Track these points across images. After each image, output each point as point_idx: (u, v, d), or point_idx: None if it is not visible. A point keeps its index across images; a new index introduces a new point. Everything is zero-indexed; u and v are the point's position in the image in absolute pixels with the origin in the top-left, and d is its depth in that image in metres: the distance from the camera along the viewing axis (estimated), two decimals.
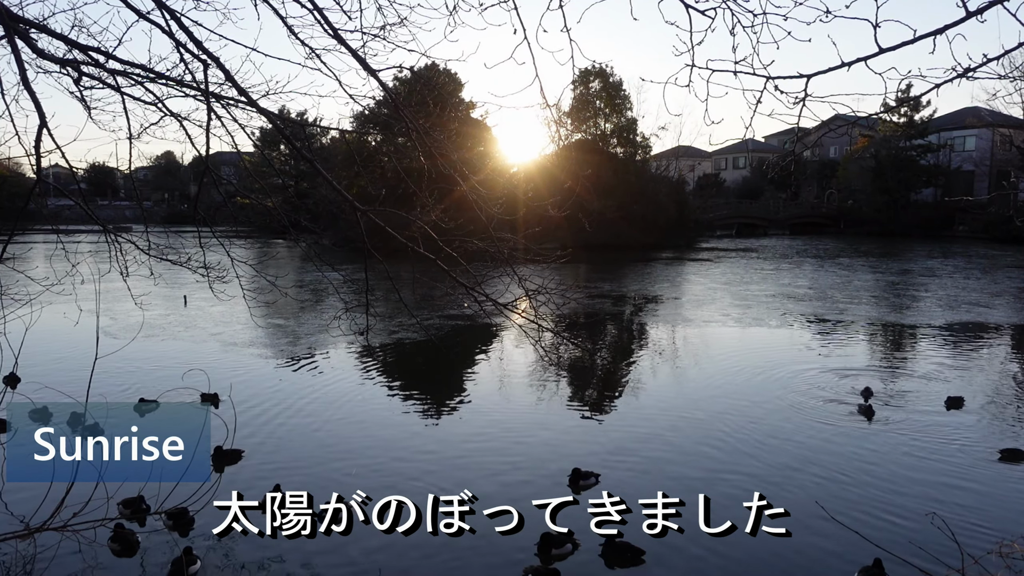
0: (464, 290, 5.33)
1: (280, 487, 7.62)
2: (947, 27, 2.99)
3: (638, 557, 7.01)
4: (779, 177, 69.38)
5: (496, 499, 8.50)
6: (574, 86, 50.93)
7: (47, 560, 6.71)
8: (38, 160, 3.84)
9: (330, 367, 15.25)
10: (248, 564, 6.99)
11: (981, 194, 58.59)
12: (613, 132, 53.48)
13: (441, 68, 37.29)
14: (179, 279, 22.21)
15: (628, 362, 16.40)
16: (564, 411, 12.28)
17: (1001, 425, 11.34)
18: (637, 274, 34.18)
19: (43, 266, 6.74)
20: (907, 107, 58.52)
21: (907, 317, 21.81)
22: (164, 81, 5.04)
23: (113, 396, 11.77)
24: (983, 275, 32.84)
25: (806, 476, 9.18)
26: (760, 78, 3.37)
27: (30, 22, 4.48)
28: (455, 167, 5.24)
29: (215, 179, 5.62)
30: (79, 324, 8.34)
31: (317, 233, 6.52)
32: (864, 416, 11.35)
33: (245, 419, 10.81)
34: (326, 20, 4.64)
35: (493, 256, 5.56)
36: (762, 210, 73.13)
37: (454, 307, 21.34)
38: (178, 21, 4.54)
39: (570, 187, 25.76)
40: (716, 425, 11.16)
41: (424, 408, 12.21)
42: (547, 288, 5.61)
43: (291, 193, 42.29)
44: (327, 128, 13.56)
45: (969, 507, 8.27)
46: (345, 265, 7.96)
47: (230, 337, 17.93)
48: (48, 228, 8.20)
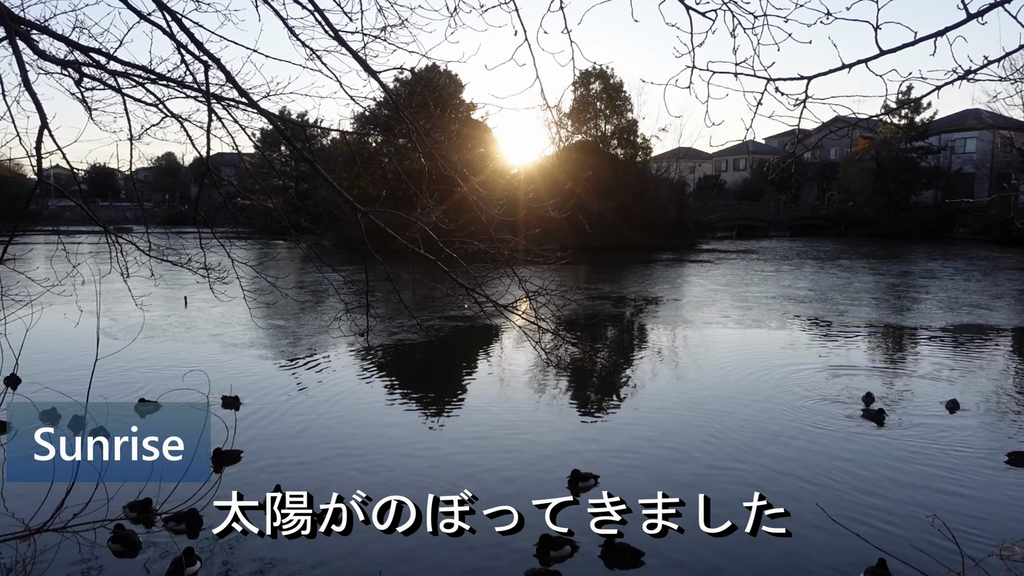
0: (464, 291, 5.33)
1: (280, 487, 7.63)
2: (948, 29, 2.99)
3: (638, 559, 7.01)
4: (779, 179, 69.25)
5: (496, 499, 8.50)
6: (575, 87, 50.96)
7: (47, 561, 6.70)
8: (39, 161, 3.84)
9: (330, 368, 15.25)
10: (249, 564, 6.99)
11: (982, 196, 58.56)
12: (614, 133, 53.53)
13: (442, 69, 37.37)
14: (180, 280, 22.27)
15: (628, 363, 16.40)
16: (565, 412, 12.28)
17: (1002, 428, 11.33)
18: (637, 275, 34.18)
19: (44, 267, 6.74)
20: (908, 109, 58.57)
21: (908, 319, 21.81)
22: (165, 82, 5.05)
23: (114, 397, 11.77)
24: (984, 277, 32.83)
25: (807, 477, 9.17)
26: (761, 80, 3.37)
27: (31, 23, 4.48)
28: (456, 168, 5.24)
29: (216, 180, 5.63)
30: (80, 325, 8.34)
31: (317, 234, 6.53)
32: (873, 421, 11.26)
33: (245, 420, 10.82)
34: (327, 21, 4.65)
35: (493, 257, 5.56)
36: (762, 212, 73.15)
37: (454, 308, 21.34)
38: (179, 22, 4.54)
39: (570, 188, 25.73)
40: (716, 426, 11.15)
41: (424, 409, 12.20)
42: (547, 289, 5.61)
43: (292, 194, 42.26)
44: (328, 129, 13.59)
45: (970, 509, 8.26)
46: (345, 266, 7.97)
47: (231, 338, 17.93)
48: (49, 229, 8.20)
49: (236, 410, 10.97)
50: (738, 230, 70.15)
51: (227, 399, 11.27)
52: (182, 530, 7.47)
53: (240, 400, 11.41)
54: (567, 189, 10.46)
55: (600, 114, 53.12)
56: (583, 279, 31.54)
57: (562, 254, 6.68)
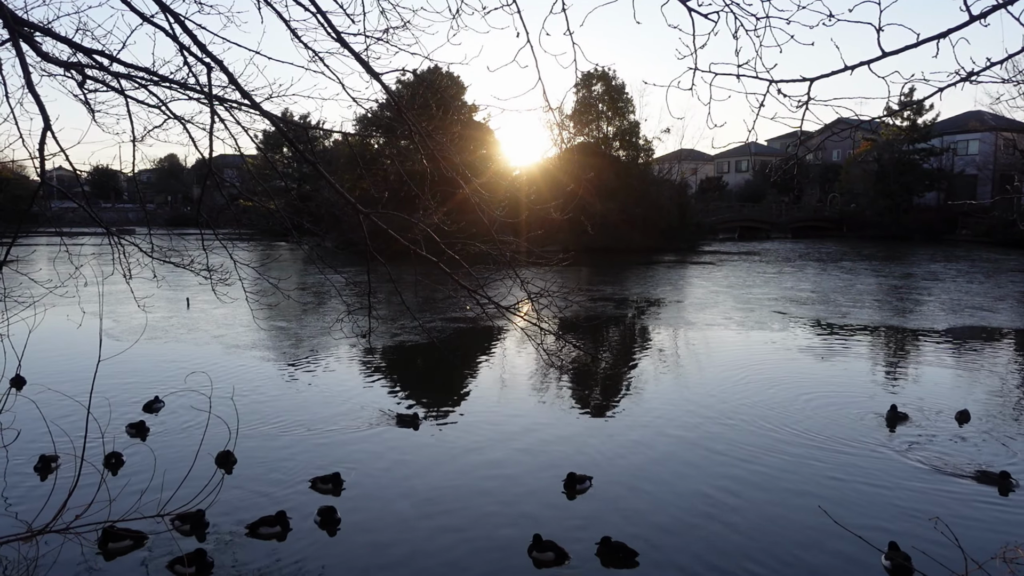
0: (466, 293, 5.33)
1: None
2: (950, 31, 2.99)
3: (632, 559, 7.01)
4: (782, 180, 69.40)
5: (496, 499, 8.51)
6: (577, 89, 51.03)
7: (49, 563, 6.71)
8: (42, 163, 3.84)
9: (332, 369, 15.25)
10: (252, 564, 6.99)
11: (984, 198, 58.54)
12: (615, 135, 53.56)
13: (444, 71, 37.43)
14: (182, 281, 22.31)
15: (630, 365, 16.38)
16: (566, 414, 12.26)
17: (1004, 430, 11.29)
18: (639, 277, 34.16)
19: (47, 268, 6.75)
20: (910, 111, 58.53)
21: (910, 321, 21.77)
22: (168, 84, 5.05)
23: (116, 398, 11.78)
24: (986, 279, 32.78)
25: (809, 480, 9.15)
26: (763, 81, 3.37)
27: (35, 25, 4.49)
28: (458, 170, 5.24)
29: (218, 182, 5.63)
30: (82, 326, 8.37)
31: (320, 236, 6.52)
32: (889, 426, 11.21)
33: (247, 421, 10.81)
34: (329, 23, 4.66)
35: (495, 259, 5.56)
36: (764, 213, 73.13)
37: (456, 310, 21.34)
38: (182, 24, 4.55)
39: (572, 190, 25.75)
40: (716, 428, 11.13)
41: (425, 410, 12.20)
42: (549, 291, 5.61)
43: (294, 196, 42.31)
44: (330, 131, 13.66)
45: (973, 512, 8.24)
46: (347, 268, 7.97)
47: (233, 339, 17.94)
48: (52, 230, 8.21)
49: (337, 494, 8.80)
50: (740, 232, 70.14)
51: (323, 479, 8.96)
52: (188, 531, 7.48)
53: (341, 477, 9.03)
54: (569, 191, 10.46)
55: (602, 116, 53.16)
56: (585, 281, 31.54)
57: (564, 256, 6.69)
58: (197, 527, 7.50)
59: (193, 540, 7.34)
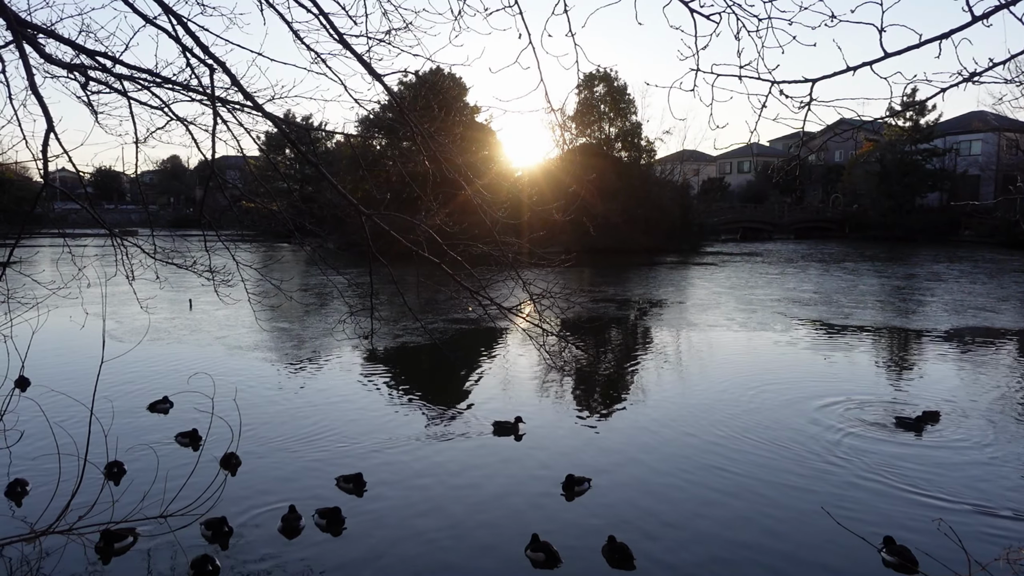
0: (468, 294, 5.33)
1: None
2: (953, 31, 2.99)
3: (630, 562, 6.98)
4: (784, 181, 69.31)
5: (495, 499, 8.51)
6: (578, 90, 51.00)
7: (52, 563, 6.72)
8: (45, 164, 3.85)
9: (334, 371, 15.27)
10: (252, 564, 6.99)
11: (987, 199, 58.36)
12: (617, 136, 53.55)
13: (446, 72, 37.43)
14: (184, 283, 22.34)
15: (632, 366, 16.37)
16: (566, 414, 12.26)
17: (1005, 431, 11.27)
18: (641, 278, 34.14)
19: (49, 270, 6.76)
20: (913, 111, 58.45)
21: (913, 322, 21.73)
22: (170, 86, 5.07)
23: (119, 399, 11.80)
24: (989, 280, 32.71)
25: (812, 481, 9.14)
26: (765, 82, 3.37)
27: (38, 27, 4.50)
28: (460, 171, 5.24)
29: (220, 183, 5.65)
30: (85, 327, 8.36)
31: (322, 237, 6.53)
32: (913, 430, 11.14)
33: (250, 422, 10.82)
34: (331, 25, 4.67)
35: (497, 260, 5.56)
36: (767, 214, 73.05)
37: (458, 311, 21.35)
38: (184, 26, 4.56)
39: (574, 191, 25.79)
40: (717, 429, 11.12)
41: (427, 411, 12.21)
42: (551, 292, 5.61)
43: (296, 197, 42.34)
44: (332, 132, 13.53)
45: (976, 514, 8.22)
46: (350, 269, 7.98)
47: (235, 341, 17.96)
48: (55, 232, 8.22)
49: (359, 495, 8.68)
50: (742, 232, 70.06)
51: (346, 479, 8.85)
52: (210, 537, 7.45)
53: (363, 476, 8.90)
54: (571, 192, 10.48)
55: (604, 117, 53.17)
56: (587, 282, 31.52)
57: (566, 257, 6.69)
58: (219, 535, 7.38)
59: (202, 543, 7.30)
